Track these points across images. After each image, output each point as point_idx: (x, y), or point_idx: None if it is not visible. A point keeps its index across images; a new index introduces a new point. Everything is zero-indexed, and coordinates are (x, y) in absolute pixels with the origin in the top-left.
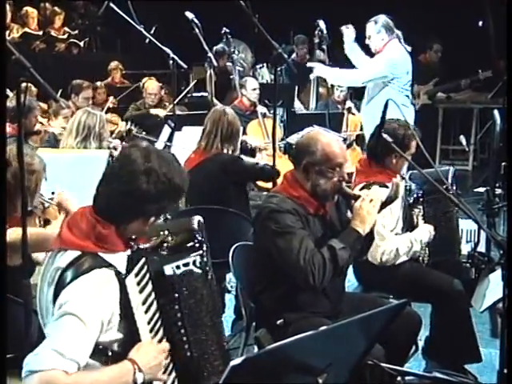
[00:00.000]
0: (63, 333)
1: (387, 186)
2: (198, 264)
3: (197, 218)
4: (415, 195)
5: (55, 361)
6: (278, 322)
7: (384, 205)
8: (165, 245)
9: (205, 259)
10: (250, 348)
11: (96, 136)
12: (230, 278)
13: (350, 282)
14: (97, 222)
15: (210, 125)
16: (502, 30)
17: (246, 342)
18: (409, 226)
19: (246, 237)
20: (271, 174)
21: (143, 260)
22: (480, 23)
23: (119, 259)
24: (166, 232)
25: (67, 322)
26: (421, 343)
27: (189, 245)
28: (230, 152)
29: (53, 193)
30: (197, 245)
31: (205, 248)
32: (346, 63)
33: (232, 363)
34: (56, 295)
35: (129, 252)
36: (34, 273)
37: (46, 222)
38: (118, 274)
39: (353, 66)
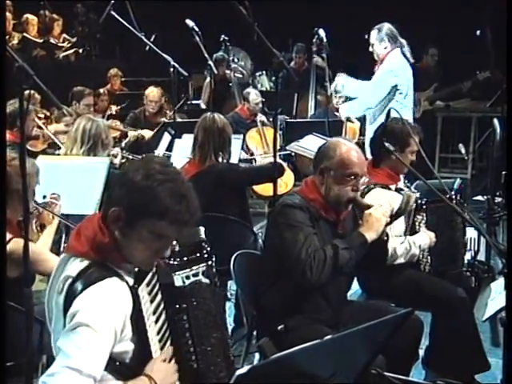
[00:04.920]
0: (78, 346)
1: (389, 188)
2: (206, 274)
3: (202, 229)
4: (418, 202)
5: (72, 380)
6: (279, 327)
7: (395, 216)
8: (173, 255)
9: (213, 270)
10: (251, 356)
11: (105, 144)
12: (230, 286)
13: (353, 290)
14: (99, 229)
15: (201, 135)
16: (500, 39)
17: (248, 350)
18: (411, 232)
19: (246, 244)
20: (272, 170)
21: (153, 270)
22: (478, 32)
23: (127, 269)
24: (174, 242)
25: (81, 334)
26: (421, 352)
27: (197, 255)
28: (225, 160)
29: (44, 197)
30: (205, 255)
31: (213, 258)
32: (344, 71)
33: (238, 372)
34: (66, 305)
35: None
36: (34, 281)
37: (42, 227)
38: (128, 283)
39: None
